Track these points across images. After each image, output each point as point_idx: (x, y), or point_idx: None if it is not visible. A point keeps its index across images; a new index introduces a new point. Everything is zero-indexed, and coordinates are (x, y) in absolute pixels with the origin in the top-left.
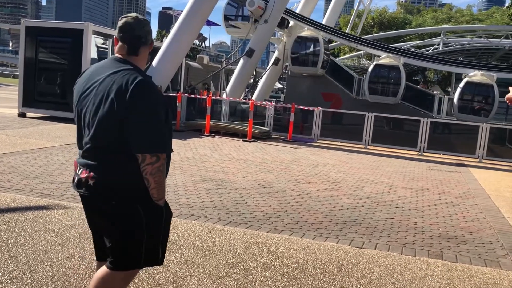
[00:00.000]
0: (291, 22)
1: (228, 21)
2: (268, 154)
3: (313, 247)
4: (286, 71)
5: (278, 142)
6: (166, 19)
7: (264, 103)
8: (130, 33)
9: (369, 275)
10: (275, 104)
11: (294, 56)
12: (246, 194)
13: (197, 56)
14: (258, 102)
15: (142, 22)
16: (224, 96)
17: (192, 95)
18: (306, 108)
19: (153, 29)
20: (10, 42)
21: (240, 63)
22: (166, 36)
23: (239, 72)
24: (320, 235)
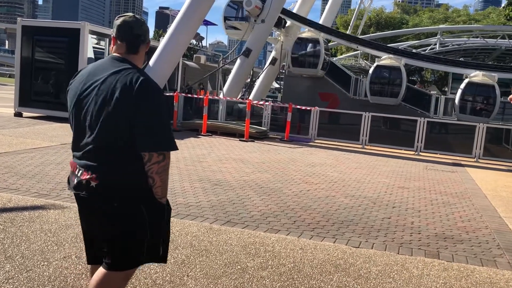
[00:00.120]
0: (288, 22)
1: (227, 22)
2: (265, 154)
3: (310, 247)
4: (283, 71)
5: (275, 142)
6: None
7: (261, 103)
8: (130, 32)
9: (366, 275)
10: (272, 104)
11: (295, 57)
12: (243, 194)
13: (194, 56)
14: (255, 102)
15: (140, 21)
16: (221, 96)
17: (189, 95)
18: (303, 108)
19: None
20: (7, 42)
21: (237, 63)
22: (163, 36)
23: (236, 72)
24: (317, 235)
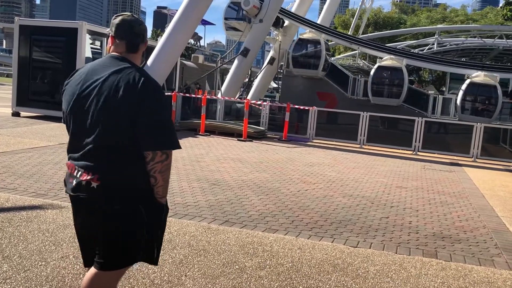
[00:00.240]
0: (286, 22)
1: (226, 22)
2: (263, 154)
3: (308, 247)
4: (281, 71)
5: (273, 142)
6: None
7: (259, 103)
8: (130, 31)
9: (364, 274)
10: (270, 104)
11: (296, 58)
12: (241, 194)
13: (192, 56)
14: (253, 102)
15: (139, 20)
16: (219, 96)
17: (187, 95)
18: (301, 108)
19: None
20: (4, 41)
21: (235, 63)
22: (161, 35)
23: (234, 72)
24: (315, 235)
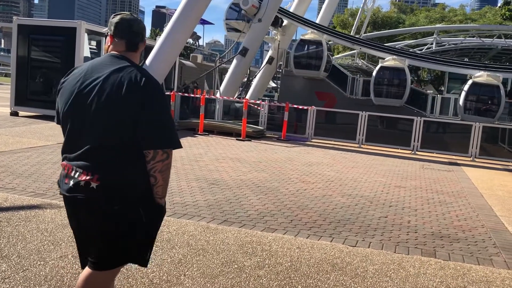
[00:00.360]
0: (285, 21)
1: (227, 22)
2: (262, 153)
3: (307, 246)
4: (280, 70)
5: (272, 141)
6: (160, 18)
7: (258, 102)
8: (129, 29)
9: (363, 274)
10: (269, 103)
11: (297, 59)
12: (240, 193)
13: (191, 55)
14: (252, 101)
15: (138, 19)
16: (218, 95)
17: (186, 94)
18: (300, 107)
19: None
20: (2, 41)
21: (234, 62)
22: (160, 35)
23: (233, 71)
24: (314, 234)
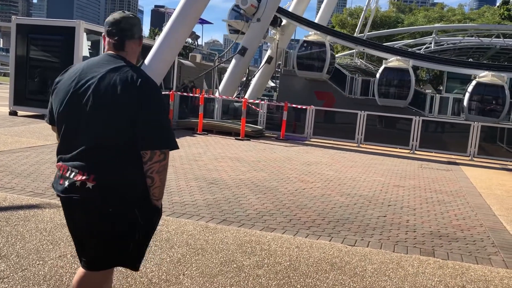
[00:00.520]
0: (284, 21)
1: (228, 23)
2: (261, 153)
3: (306, 245)
4: (279, 70)
5: (271, 141)
6: (159, 17)
7: (256, 102)
8: (117, 27)
9: (362, 273)
10: (268, 103)
11: (300, 61)
12: (239, 193)
13: (190, 55)
14: (251, 101)
15: (128, 16)
16: (217, 95)
17: (185, 93)
18: (299, 107)
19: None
20: (1, 40)
21: (233, 62)
22: (159, 34)
23: (232, 71)
24: (313, 233)
